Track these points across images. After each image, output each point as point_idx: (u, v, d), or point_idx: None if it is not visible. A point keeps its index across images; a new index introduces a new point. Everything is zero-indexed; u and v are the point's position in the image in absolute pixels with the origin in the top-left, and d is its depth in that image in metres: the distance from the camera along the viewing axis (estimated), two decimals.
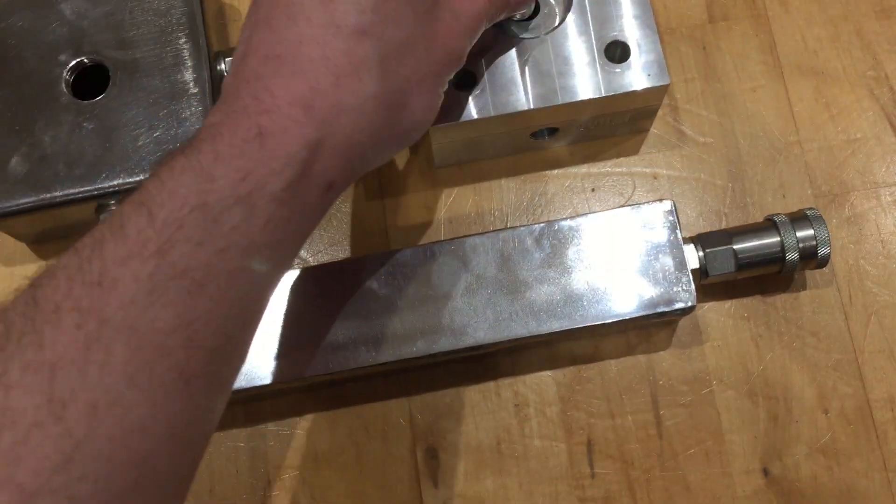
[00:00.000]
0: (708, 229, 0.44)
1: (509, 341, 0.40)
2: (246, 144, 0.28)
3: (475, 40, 0.36)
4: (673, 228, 0.41)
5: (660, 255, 0.41)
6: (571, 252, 0.41)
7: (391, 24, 0.31)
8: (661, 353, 0.44)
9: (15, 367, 0.24)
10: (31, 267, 0.46)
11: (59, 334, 0.25)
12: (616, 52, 0.42)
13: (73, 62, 0.43)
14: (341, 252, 0.46)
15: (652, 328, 0.44)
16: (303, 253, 0.46)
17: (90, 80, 0.44)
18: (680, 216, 0.45)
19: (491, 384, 0.44)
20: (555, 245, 0.41)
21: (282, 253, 0.30)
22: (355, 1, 0.31)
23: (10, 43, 0.43)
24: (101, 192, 0.42)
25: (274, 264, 0.30)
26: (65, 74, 0.43)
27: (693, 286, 0.40)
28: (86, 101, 0.43)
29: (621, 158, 0.46)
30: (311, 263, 0.45)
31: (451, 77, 0.36)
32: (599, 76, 0.42)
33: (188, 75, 0.43)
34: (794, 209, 0.44)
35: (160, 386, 0.26)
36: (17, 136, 0.42)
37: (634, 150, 0.47)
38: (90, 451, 0.24)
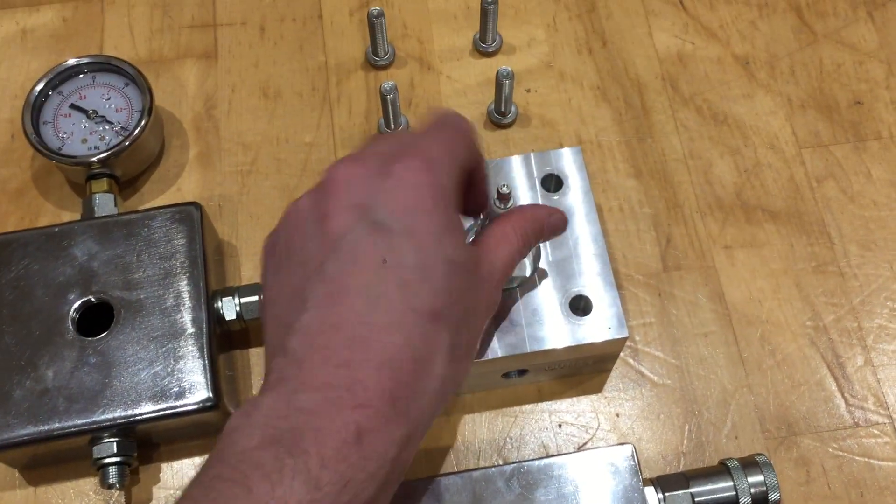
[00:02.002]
0: (667, 467, 0.48)
1: None
2: (347, 448, 0.28)
3: None
4: (634, 472, 0.44)
5: (622, 499, 0.44)
6: (540, 494, 0.44)
7: (457, 303, 0.33)
8: None
9: None
10: (19, 493, 0.48)
11: None
12: (580, 305, 0.46)
13: (81, 301, 0.47)
14: None
15: None
16: None
17: (94, 317, 0.47)
18: (641, 453, 0.49)
19: None
20: (524, 486, 0.44)
21: None
22: (430, 285, 0.32)
23: (23, 283, 0.47)
24: (97, 425, 0.44)
25: None
26: (71, 312, 0.47)
27: None
28: (90, 339, 0.46)
29: (585, 397, 0.50)
30: None
31: None
32: (565, 328, 0.46)
33: (187, 316, 0.47)
34: (747, 451, 0.47)
35: None
36: (22, 371, 0.45)
37: (598, 389, 0.50)
38: None
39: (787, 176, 0.56)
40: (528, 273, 0.47)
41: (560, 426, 0.49)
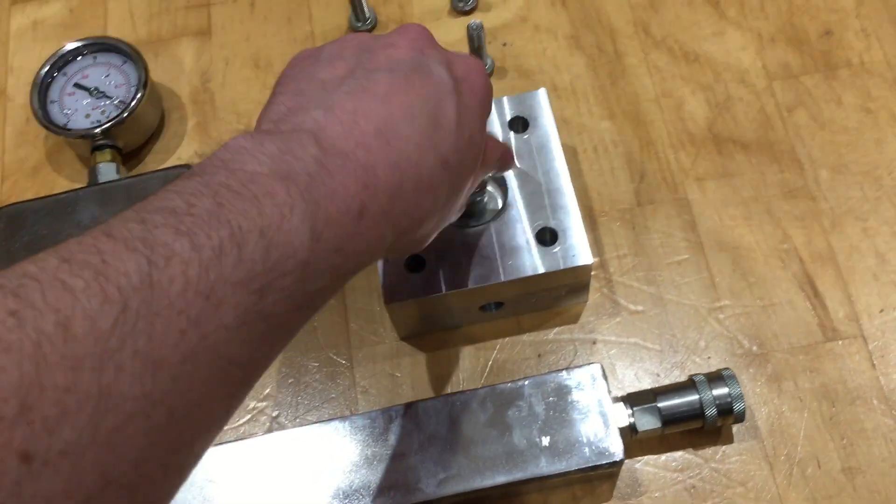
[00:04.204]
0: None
1: (457, 495, 0.45)
2: (348, 218, 0.29)
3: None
4: (601, 389, 0.46)
5: (590, 414, 0.46)
6: (511, 412, 0.46)
7: (461, 174, 0.36)
8: None
9: (128, 354, 0.23)
10: None
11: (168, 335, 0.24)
12: (546, 237, 0.49)
13: None
14: (312, 416, 0.51)
15: (595, 481, 0.48)
16: (281, 418, 0.51)
17: None
18: (618, 377, 0.51)
19: None
20: (497, 406, 0.46)
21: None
22: (455, 141, 0.34)
23: (35, 247, 0.51)
24: None
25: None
26: None
27: (620, 441, 0.45)
28: None
29: (563, 327, 0.52)
30: (289, 427, 0.51)
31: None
32: (534, 257, 0.48)
33: None
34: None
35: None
36: None
37: (575, 320, 0.52)
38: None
39: (757, 108, 0.57)
40: (499, 205, 0.50)
41: (539, 356, 0.52)
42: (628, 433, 0.46)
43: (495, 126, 0.52)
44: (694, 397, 0.46)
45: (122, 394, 0.22)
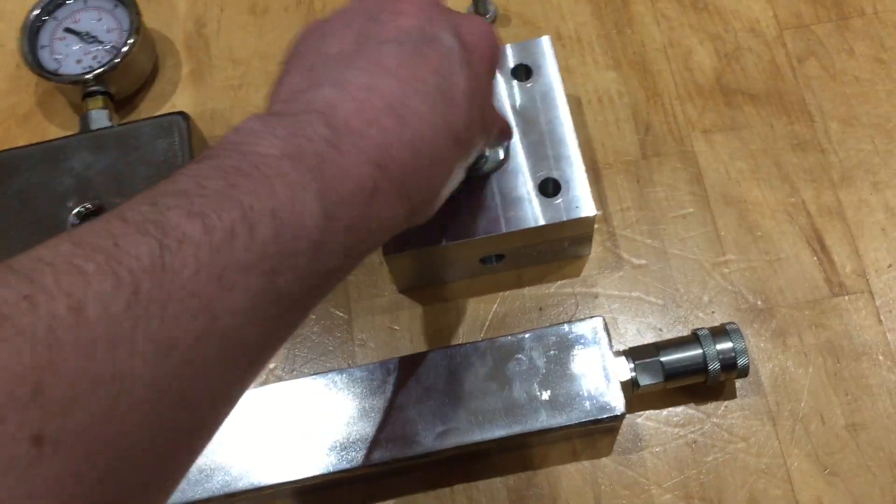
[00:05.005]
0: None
1: (456, 448, 0.44)
2: (361, 197, 0.29)
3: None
4: (603, 343, 0.46)
5: (592, 368, 0.45)
6: (511, 366, 0.45)
7: (471, 145, 0.35)
8: (604, 459, 0.47)
9: (140, 337, 0.23)
10: None
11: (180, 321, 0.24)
12: (549, 188, 0.48)
13: (78, 208, 0.50)
14: (309, 369, 0.50)
15: (595, 435, 0.48)
16: (278, 370, 0.51)
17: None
18: (620, 332, 0.50)
19: (446, 490, 0.47)
20: (496, 359, 0.46)
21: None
22: (467, 114, 0.34)
23: (26, 193, 0.50)
24: None
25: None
26: (71, 218, 0.50)
27: (621, 395, 0.44)
28: None
29: (565, 281, 0.51)
30: (286, 379, 0.50)
31: None
32: (536, 208, 0.47)
33: None
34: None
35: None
36: None
37: (577, 273, 0.51)
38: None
39: (767, 58, 0.56)
40: (501, 157, 0.49)
41: (540, 310, 0.51)
42: (630, 387, 0.45)
43: (497, 75, 0.51)
44: (697, 352, 0.46)
45: (134, 377, 0.22)
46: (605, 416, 0.44)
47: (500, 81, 0.51)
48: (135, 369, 0.22)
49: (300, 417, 0.45)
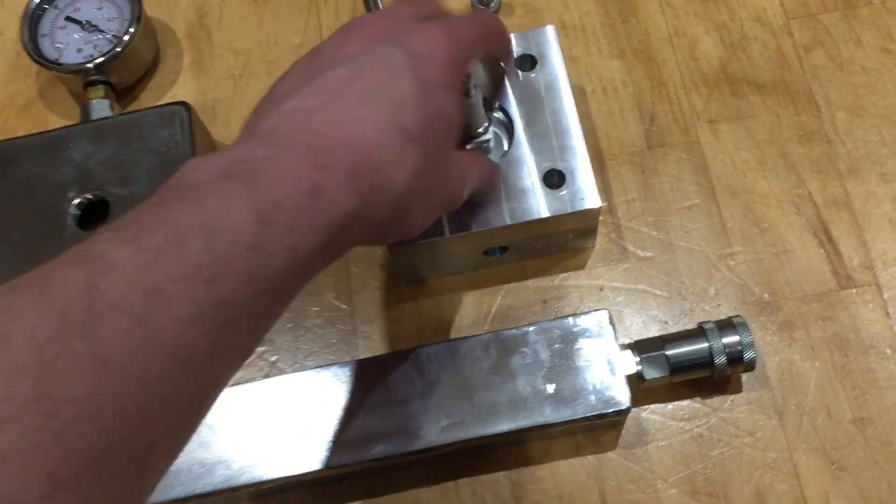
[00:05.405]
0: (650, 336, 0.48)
1: (459, 442, 0.44)
2: (301, 197, 0.30)
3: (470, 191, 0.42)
4: (609, 336, 0.45)
5: (597, 361, 0.45)
6: (516, 359, 0.45)
7: (431, 145, 0.36)
8: (609, 453, 0.47)
9: (67, 358, 0.24)
10: None
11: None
12: (553, 179, 0.47)
13: (79, 199, 0.49)
14: (312, 361, 0.50)
15: (599, 429, 0.47)
16: (280, 364, 0.50)
17: (94, 213, 0.50)
18: (625, 325, 0.50)
19: (450, 484, 0.47)
20: (500, 353, 0.45)
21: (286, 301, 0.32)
22: (417, 113, 0.35)
23: (27, 184, 0.50)
24: None
25: (275, 316, 0.31)
26: (71, 209, 0.49)
27: (627, 389, 0.44)
28: (88, 232, 0.49)
29: (569, 273, 0.51)
30: (288, 372, 0.50)
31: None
32: (541, 200, 0.47)
33: None
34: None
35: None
36: (28, 263, 0.48)
37: (581, 265, 0.51)
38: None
39: (774, 47, 0.55)
40: (504, 147, 0.48)
41: (545, 302, 0.51)
42: (635, 381, 0.45)
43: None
44: (703, 345, 0.45)
45: (64, 397, 0.23)
46: (610, 410, 0.44)
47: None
48: (65, 390, 0.23)
49: (303, 411, 0.45)
